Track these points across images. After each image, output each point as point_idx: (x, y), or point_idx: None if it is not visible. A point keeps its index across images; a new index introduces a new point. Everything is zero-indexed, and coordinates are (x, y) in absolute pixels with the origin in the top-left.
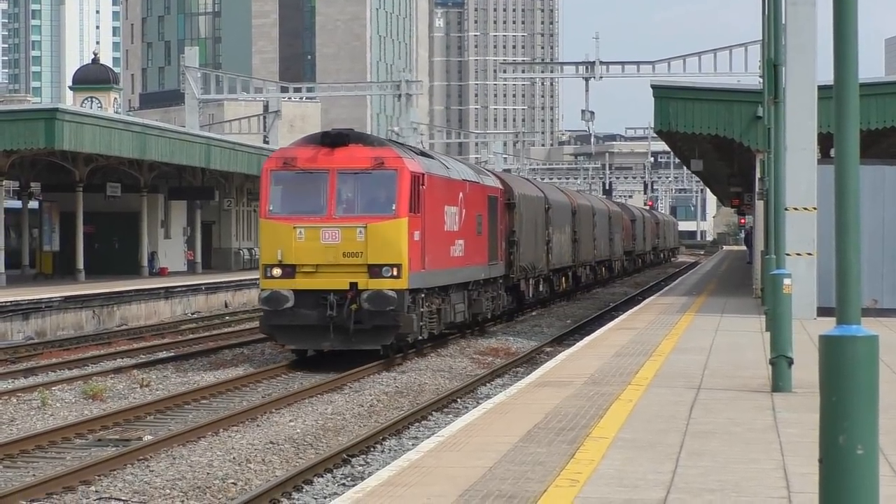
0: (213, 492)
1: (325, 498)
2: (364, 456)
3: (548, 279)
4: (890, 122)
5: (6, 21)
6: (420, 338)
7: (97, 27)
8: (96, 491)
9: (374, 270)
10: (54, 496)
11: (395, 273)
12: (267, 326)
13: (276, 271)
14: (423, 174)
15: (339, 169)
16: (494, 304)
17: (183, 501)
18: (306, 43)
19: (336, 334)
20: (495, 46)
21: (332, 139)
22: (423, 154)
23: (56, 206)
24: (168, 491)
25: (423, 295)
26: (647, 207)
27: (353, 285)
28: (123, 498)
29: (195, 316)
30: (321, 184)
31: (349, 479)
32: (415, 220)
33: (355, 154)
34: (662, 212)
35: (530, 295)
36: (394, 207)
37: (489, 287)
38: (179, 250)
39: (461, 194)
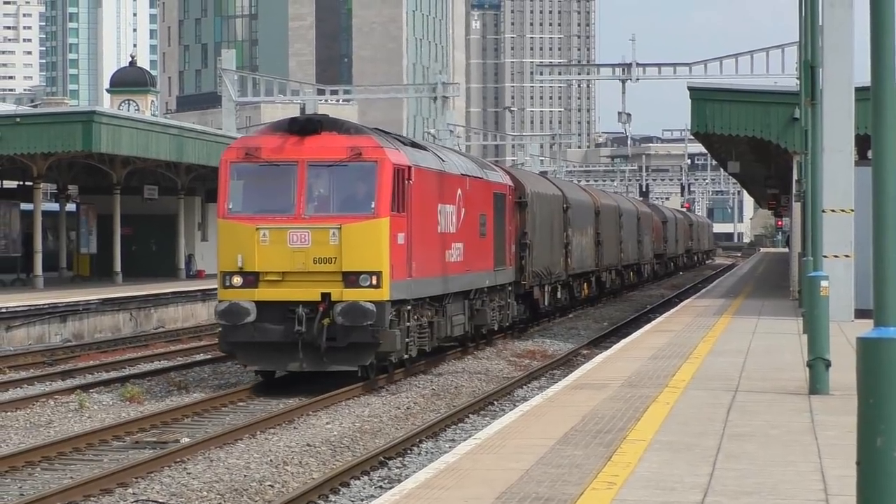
0: (251, 494)
1: (361, 500)
2: (401, 458)
3: (567, 285)
4: None
5: (43, 24)
6: (406, 356)
7: (134, 30)
8: (133, 493)
9: (351, 279)
10: (91, 498)
11: (374, 282)
12: (225, 344)
13: (237, 280)
14: (410, 167)
15: (309, 161)
16: (502, 314)
17: None
18: (343, 45)
19: (305, 353)
20: (531, 49)
21: (302, 126)
22: (413, 144)
23: (93, 208)
24: (205, 493)
25: (409, 307)
26: (684, 209)
27: (326, 296)
28: (160, 500)
29: None
30: (289, 178)
31: (386, 481)
32: (398, 221)
33: (328, 143)
34: (698, 213)
35: (546, 303)
36: (373, 205)
37: (496, 295)
38: (216, 253)
39: (460, 191)
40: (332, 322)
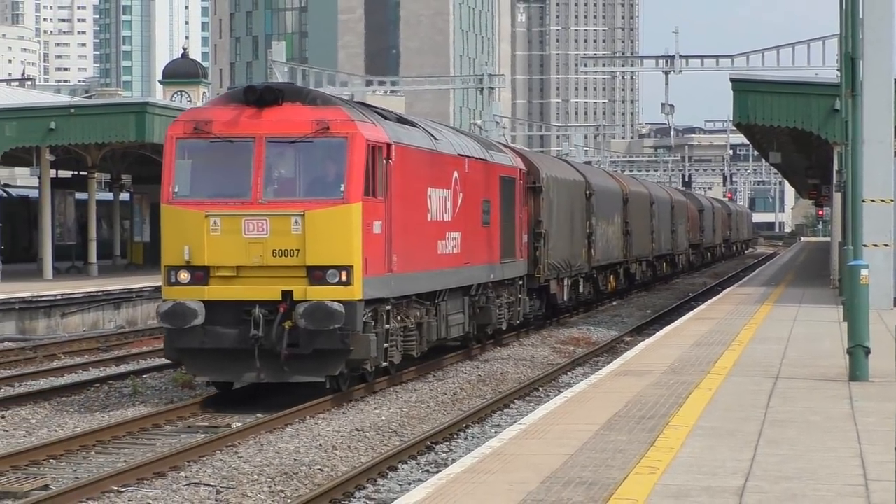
0: (300, 478)
1: (409, 484)
2: (447, 443)
3: (591, 278)
4: None
5: (97, 17)
6: (386, 363)
7: (186, 23)
8: (186, 476)
9: (316, 275)
10: (145, 481)
11: (343, 278)
12: (171, 351)
13: (183, 276)
14: (389, 144)
15: (268, 136)
16: (511, 311)
17: (270, 487)
18: (391, 37)
19: (263, 362)
20: (576, 41)
21: (260, 96)
22: (400, 120)
23: (146, 197)
24: (256, 477)
25: (388, 307)
26: (726, 198)
27: (287, 295)
28: (212, 483)
29: None
30: (244, 156)
31: (433, 465)
32: (374, 206)
33: (291, 116)
34: (740, 203)
35: (564, 298)
36: (342, 188)
37: (503, 291)
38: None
39: (456, 173)
40: (295, 325)
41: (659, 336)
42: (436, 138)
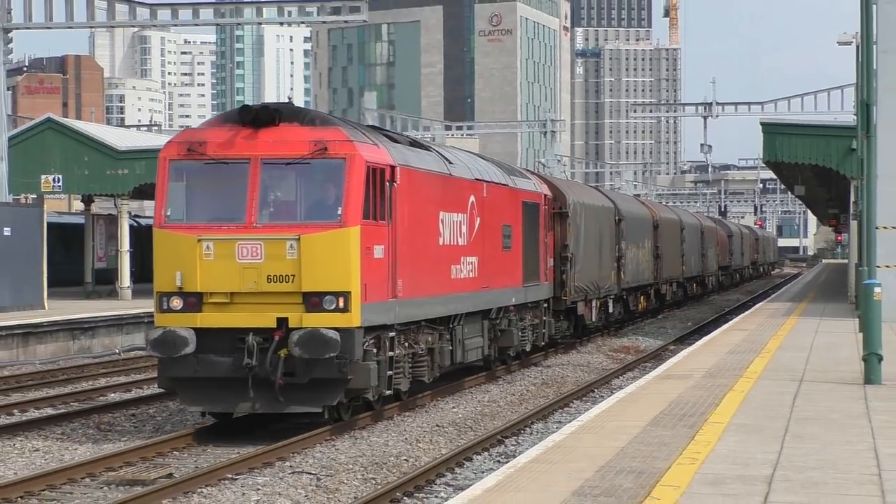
0: (389, 467)
1: (482, 472)
2: (515, 437)
3: (620, 299)
4: None
5: (214, 70)
6: (390, 392)
7: (291, 76)
8: (290, 466)
9: (313, 301)
10: (255, 470)
11: (340, 304)
12: (164, 380)
13: (176, 302)
14: (393, 167)
15: (263, 157)
16: (536, 333)
17: (363, 475)
18: (467, 88)
19: (258, 391)
20: (626, 90)
21: (255, 116)
22: (410, 143)
23: None
24: (350, 466)
25: (392, 334)
26: (756, 226)
27: (283, 322)
28: (313, 471)
29: None
30: (238, 179)
31: (503, 456)
32: (374, 230)
33: (288, 137)
34: (768, 230)
35: (593, 318)
36: (339, 212)
37: (527, 313)
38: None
39: (473, 198)
40: (290, 354)
41: (698, 345)
42: (450, 162)
